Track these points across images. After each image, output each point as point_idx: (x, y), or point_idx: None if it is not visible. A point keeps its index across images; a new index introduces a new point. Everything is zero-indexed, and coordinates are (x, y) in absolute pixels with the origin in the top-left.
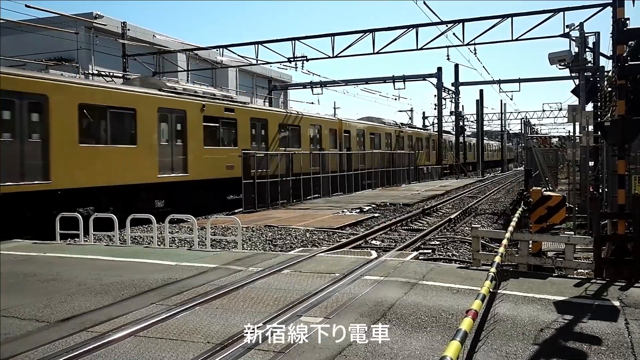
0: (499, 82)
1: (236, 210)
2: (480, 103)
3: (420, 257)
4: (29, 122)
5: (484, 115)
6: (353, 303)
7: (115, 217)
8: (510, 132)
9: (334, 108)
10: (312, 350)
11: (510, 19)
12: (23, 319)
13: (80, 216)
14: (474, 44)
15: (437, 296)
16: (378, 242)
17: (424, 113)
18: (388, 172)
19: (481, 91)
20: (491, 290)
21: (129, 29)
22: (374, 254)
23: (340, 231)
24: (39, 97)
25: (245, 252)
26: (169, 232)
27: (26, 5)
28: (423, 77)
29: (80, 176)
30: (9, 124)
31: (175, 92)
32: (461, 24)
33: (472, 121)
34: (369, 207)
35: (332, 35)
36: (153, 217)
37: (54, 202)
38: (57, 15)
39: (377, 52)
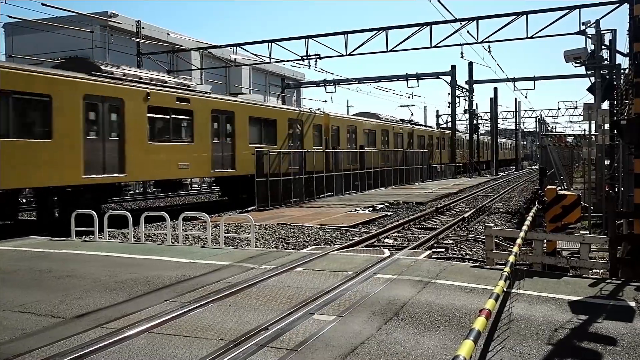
0: (514, 80)
1: (249, 208)
2: (494, 101)
3: (433, 256)
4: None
5: (498, 113)
6: (366, 301)
7: (129, 214)
8: (525, 130)
9: (347, 106)
10: (325, 348)
11: (525, 16)
12: (39, 315)
13: (95, 213)
14: (489, 41)
15: (450, 295)
16: (391, 241)
17: (437, 111)
18: (401, 170)
19: (495, 89)
20: (505, 289)
21: (143, 28)
22: (387, 252)
23: (352, 229)
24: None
25: (258, 249)
26: (183, 229)
27: (43, 4)
28: (437, 75)
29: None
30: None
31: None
32: (475, 21)
33: (486, 119)
34: (382, 206)
35: (346, 33)
36: (167, 215)
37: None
38: (73, 14)
39: (391, 50)
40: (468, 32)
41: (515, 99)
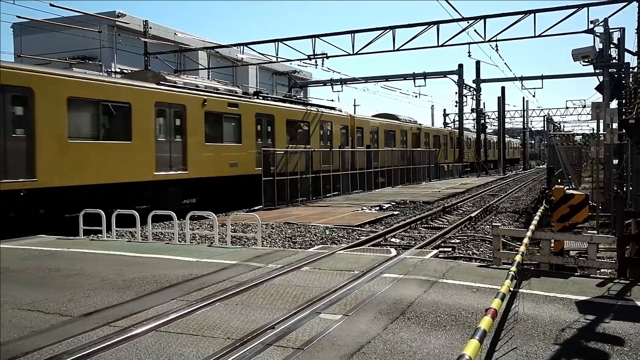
0: (521, 79)
1: (256, 208)
2: (502, 100)
3: (440, 255)
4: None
5: (506, 112)
6: (372, 301)
7: (137, 213)
8: (533, 129)
9: (354, 105)
10: (331, 347)
11: (533, 15)
12: (47, 313)
13: (102, 212)
14: (496, 40)
15: (456, 295)
16: (397, 240)
17: (444, 110)
18: (408, 169)
19: (503, 88)
20: (512, 289)
21: (150, 28)
22: (394, 251)
23: (359, 229)
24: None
25: (264, 249)
26: (190, 228)
27: (51, 4)
28: (444, 74)
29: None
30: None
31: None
32: (483, 20)
33: (493, 118)
34: (389, 205)
35: (352, 32)
36: (174, 214)
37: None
38: (80, 14)
39: (398, 49)
40: (475, 30)
41: (523, 97)
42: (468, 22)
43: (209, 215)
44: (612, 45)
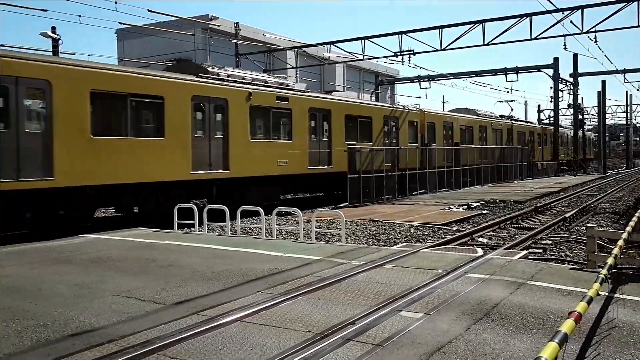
0: (624, 71)
1: (341, 205)
2: (602, 94)
3: (529, 257)
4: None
5: (607, 107)
6: (455, 300)
7: (226, 208)
8: (638, 125)
9: (442, 102)
10: (411, 345)
11: (635, 3)
12: (143, 300)
13: (195, 207)
14: (595, 31)
15: (545, 297)
16: (485, 240)
17: (539, 106)
18: (499, 167)
19: (603, 82)
20: (606, 293)
21: (241, 29)
22: (480, 251)
23: (445, 227)
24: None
25: (348, 245)
26: (276, 224)
27: (149, 10)
28: (538, 68)
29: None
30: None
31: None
32: (580, 10)
33: (592, 114)
34: (477, 204)
35: (440, 27)
36: (261, 210)
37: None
38: (176, 18)
39: (488, 44)
40: (571, 22)
41: (627, 92)
42: (563, 13)
43: (295, 211)
44: None
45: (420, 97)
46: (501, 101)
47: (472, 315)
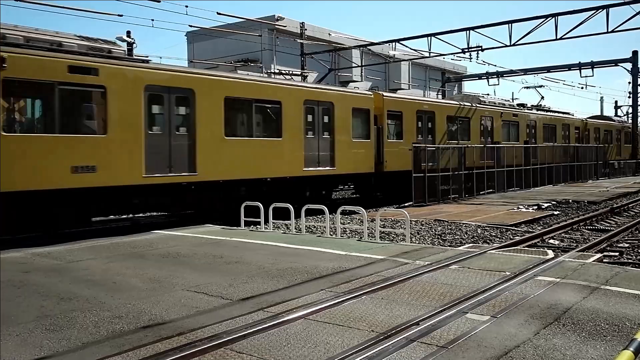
0: None
1: (406, 204)
2: None
3: (604, 260)
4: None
5: None
6: (524, 304)
7: (291, 207)
8: None
9: (512, 99)
10: (477, 348)
11: None
12: (211, 296)
13: (261, 205)
14: None
15: (620, 303)
16: (556, 242)
17: (616, 102)
18: (572, 167)
19: None
20: None
21: (306, 29)
22: (551, 253)
23: (514, 228)
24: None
25: (413, 245)
26: (340, 222)
27: (218, 13)
28: (615, 63)
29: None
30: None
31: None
32: None
33: None
34: (548, 204)
35: (510, 22)
36: (326, 208)
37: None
38: (243, 20)
39: (560, 38)
40: None
41: None
42: None
43: (358, 210)
44: None
45: (488, 94)
46: (528, 87)
47: (542, 320)
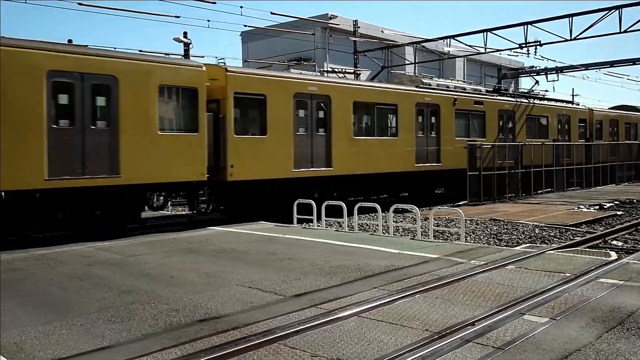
0: None
1: (460, 203)
2: None
3: None
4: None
5: None
6: (585, 306)
7: (344, 204)
8: None
9: (572, 95)
10: (535, 351)
11: None
12: (264, 291)
13: (314, 203)
14: None
15: None
16: (620, 243)
17: None
18: (637, 165)
19: None
20: None
21: (359, 27)
22: (614, 255)
23: (574, 228)
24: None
25: (467, 244)
26: (393, 221)
27: (272, 13)
28: None
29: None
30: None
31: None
32: None
33: None
34: (611, 204)
35: (570, 16)
36: (378, 207)
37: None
38: (297, 19)
39: (625, 31)
40: None
41: None
42: None
43: (412, 208)
44: None
45: (547, 91)
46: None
47: (604, 323)
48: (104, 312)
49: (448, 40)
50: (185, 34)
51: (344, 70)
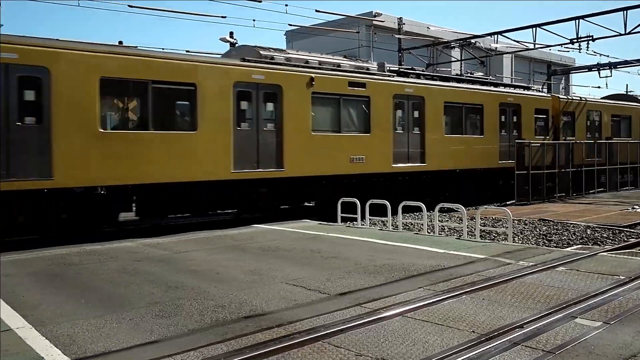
0: None
1: (507, 202)
2: None
3: None
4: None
5: None
6: None
7: (388, 203)
8: None
9: (626, 92)
10: (587, 355)
11: None
12: (309, 289)
13: (357, 201)
14: None
15: None
16: None
17: None
18: None
19: None
20: None
21: (404, 24)
22: None
23: (628, 230)
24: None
25: (515, 245)
26: (438, 220)
27: (316, 11)
28: None
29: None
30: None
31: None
32: None
33: None
34: None
35: (625, 9)
36: (423, 205)
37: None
38: (342, 16)
39: None
40: None
41: None
42: None
43: (458, 207)
44: None
45: (599, 87)
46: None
47: None
48: (152, 307)
49: (495, 36)
50: (231, 34)
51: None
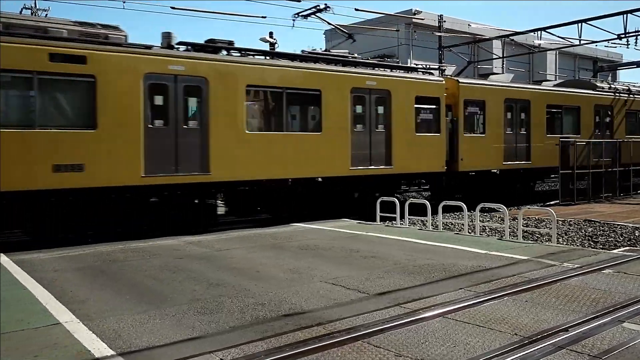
0: None
1: (551, 202)
2: None
3: None
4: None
5: None
6: None
7: (428, 202)
8: None
9: None
10: None
11: None
12: (348, 289)
13: (397, 201)
14: None
15: None
16: None
17: None
18: None
19: None
20: None
21: (444, 21)
22: None
23: None
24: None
25: (559, 246)
26: (480, 220)
27: (356, 9)
28: None
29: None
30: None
31: None
32: None
33: None
34: None
35: None
36: (464, 205)
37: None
38: (381, 15)
39: None
40: None
41: None
42: None
43: (500, 207)
44: None
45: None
46: (620, 65)
47: None
48: (194, 303)
49: (539, 32)
50: (271, 34)
51: (427, 66)
